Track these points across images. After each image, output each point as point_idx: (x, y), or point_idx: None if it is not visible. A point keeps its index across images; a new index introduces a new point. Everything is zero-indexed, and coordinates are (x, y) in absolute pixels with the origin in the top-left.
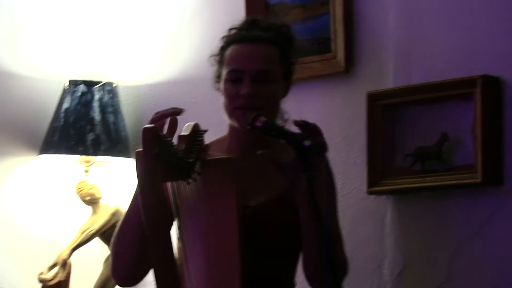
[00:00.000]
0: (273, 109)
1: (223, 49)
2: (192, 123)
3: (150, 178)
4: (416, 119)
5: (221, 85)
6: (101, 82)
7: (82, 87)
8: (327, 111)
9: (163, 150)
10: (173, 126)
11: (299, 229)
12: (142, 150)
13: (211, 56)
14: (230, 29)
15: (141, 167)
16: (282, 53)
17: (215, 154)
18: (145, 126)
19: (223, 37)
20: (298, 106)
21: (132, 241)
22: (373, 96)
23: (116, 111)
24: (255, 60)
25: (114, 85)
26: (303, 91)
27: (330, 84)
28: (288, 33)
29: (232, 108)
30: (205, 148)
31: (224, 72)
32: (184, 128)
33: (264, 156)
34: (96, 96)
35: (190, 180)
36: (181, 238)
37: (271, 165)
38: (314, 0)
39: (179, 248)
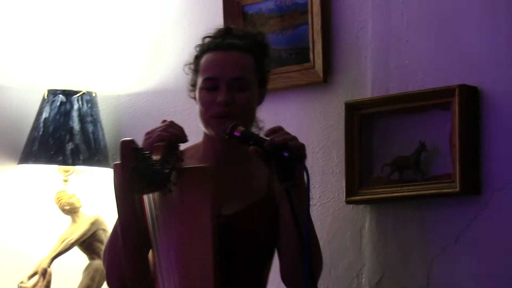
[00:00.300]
0: (249, 116)
1: (198, 57)
2: None
3: (127, 190)
4: (394, 128)
5: (197, 93)
6: (80, 91)
7: (61, 97)
8: (306, 120)
9: (140, 163)
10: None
11: (272, 236)
12: (119, 163)
13: (185, 65)
14: (204, 37)
15: (119, 180)
16: (256, 61)
17: (191, 162)
18: (122, 139)
19: (198, 46)
20: (277, 115)
21: (115, 261)
22: (351, 106)
23: (95, 121)
24: (230, 67)
25: (93, 95)
26: (282, 100)
27: (309, 94)
28: (263, 41)
29: (208, 117)
30: (181, 155)
31: (200, 80)
32: None
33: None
34: (75, 106)
35: (167, 191)
36: (155, 247)
37: (246, 173)
38: (292, 10)
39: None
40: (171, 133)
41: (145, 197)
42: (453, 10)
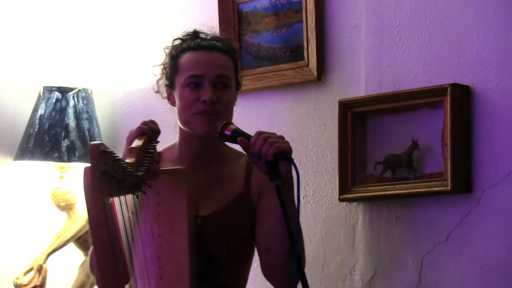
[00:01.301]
0: (230, 114)
1: (175, 57)
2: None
3: (97, 193)
4: (387, 127)
5: (176, 92)
6: (76, 88)
7: (56, 94)
8: (300, 118)
9: (110, 166)
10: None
11: (250, 235)
12: (88, 167)
13: (154, 66)
14: (174, 40)
15: (88, 183)
16: (234, 63)
17: (167, 164)
18: (92, 142)
19: (172, 48)
20: (271, 113)
21: None
22: (345, 104)
23: (91, 118)
24: (214, 65)
25: (89, 92)
26: (276, 98)
27: (303, 92)
28: (234, 45)
29: (192, 114)
30: (157, 157)
31: (181, 79)
32: (136, 140)
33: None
34: (71, 103)
35: (140, 194)
36: (130, 248)
37: (222, 173)
38: (286, 9)
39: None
40: (151, 127)
41: (116, 199)
42: (445, 10)
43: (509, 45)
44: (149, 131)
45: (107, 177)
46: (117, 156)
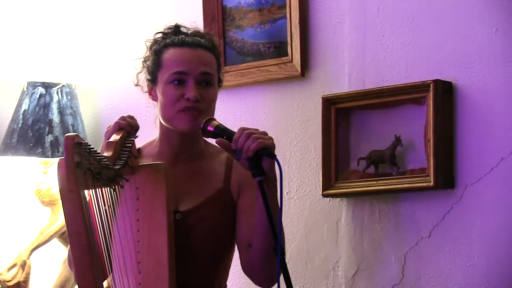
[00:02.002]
0: (212, 112)
1: (158, 52)
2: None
3: (71, 185)
4: (370, 122)
5: (159, 88)
6: (60, 84)
7: (40, 89)
8: (283, 114)
9: (85, 158)
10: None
11: (230, 229)
12: (63, 158)
13: (134, 59)
14: (156, 33)
15: (62, 175)
16: (217, 60)
17: (147, 160)
18: (66, 134)
19: (154, 41)
20: (255, 109)
21: None
22: (328, 100)
23: (75, 113)
24: (199, 63)
25: (73, 87)
26: (260, 94)
27: (286, 88)
28: (216, 41)
29: (176, 111)
30: (137, 152)
31: (165, 75)
32: (113, 135)
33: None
34: (55, 98)
35: (118, 188)
36: (107, 242)
37: (202, 169)
38: (270, 4)
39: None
40: (129, 122)
41: (94, 193)
42: (428, 6)
43: (491, 41)
44: (126, 126)
45: (82, 168)
46: (93, 148)
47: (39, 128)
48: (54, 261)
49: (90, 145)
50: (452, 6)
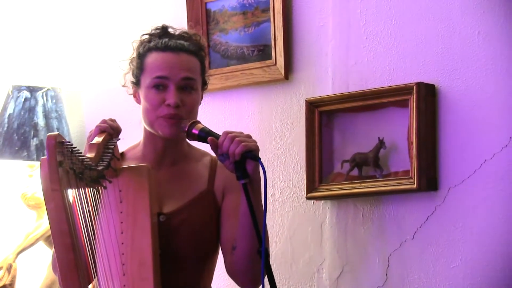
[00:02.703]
0: (194, 117)
1: (142, 55)
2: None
3: (54, 184)
4: (354, 125)
5: (141, 92)
6: (45, 87)
7: (25, 93)
8: (267, 117)
9: (67, 158)
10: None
11: (214, 232)
12: (45, 158)
13: (121, 60)
14: (143, 35)
15: (45, 174)
16: (201, 64)
17: (131, 163)
18: (48, 133)
19: (139, 43)
20: (239, 112)
21: None
22: (312, 103)
23: (60, 117)
24: (181, 68)
25: (58, 91)
26: (244, 97)
27: (270, 91)
28: (201, 42)
29: (156, 117)
30: (121, 155)
31: (147, 79)
32: (95, 137)
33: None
34: (40, 102)
35: (102, 191)
36: (91, 243)
37: (185, 171)
38: (254, 8)
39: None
40: (110, 125)
41: (77, 195)
42: (410, 10)
43: (474, 44)
44: (108, 128)
45: (65, 167)
46: (75, 148)
47: (24, 131)
48: (40, 264)
49: (72, 144)
50: (434, 10)
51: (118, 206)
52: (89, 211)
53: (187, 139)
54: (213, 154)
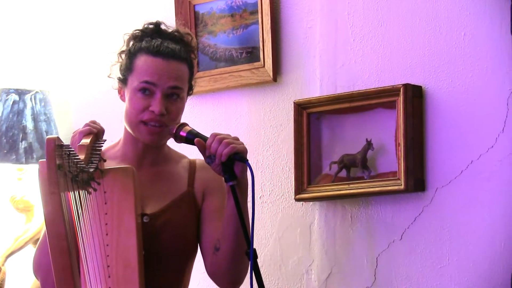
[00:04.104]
0: (178, 121)
1: (132, 55)
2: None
3: (53, 188)
4: (342, 127)
5: (127, 92)
6: (33, 90)
7: (14, 96)
8: (256, 119)
9: (65, 160)
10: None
11: (194, 232)
12: (44, 160)
13: (110, 53)
14: (135, 31)
15: (44, 177)
16: (190, 70)
17: (111, 163)
18: (48, 136)
19: (131, 38)
20: (227, 114)
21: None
22: (300, 105)
23: (49, 120)
24: (169, 76)
25: (46, 94)
26: (233, 99)
27: (259, 93)
28: (192, 43)
29: (138, 121)
30: (102, 155)
31: (134, 81)
32: (83, 139)
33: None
34: (29, 105)
35: (91, 190)
36: (81, 246)
37: (166, 173)
38: (242, 10)
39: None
40: (95, 127)
41: (71, 194)
42: (397, 12)
43: (460, 46)
44: (92, 129)
45: (63, 170)
46: (72, 151)
47: (12, 134)
48: (29, 267)
49: (70, 147)
50: (420, 11)
51: (103, 208)
52: (80, 213)
53: (175, 142)
54: (191, 157)
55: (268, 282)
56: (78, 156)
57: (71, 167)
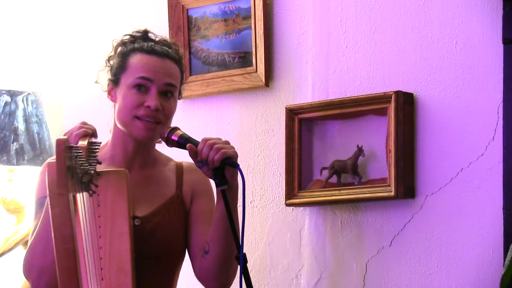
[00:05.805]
0: (169, 123)
1: (125, 54)
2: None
3: (62, 189)
4: (333, 133)
5: (120, 91)
6: (25, 92)
7: (5, 97)
8: (248, 123)
9: (74, 162)
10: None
11: (183, 236)
12: (55, 162)
13: (98, 57)
14: (125, 35)
15: (53, 179)
16: (181, 72)
17: (99, 166)
18: (58, 138)
19: (122, 43)
20: (219, 118)
21: (48, 263)
22: (292, 110)
23: (41, 121)
24: (165, 73)
25: (38, 95)
26: (225, 103)
27: (251, 98)
28: (181, 52)
29: (132, 117)
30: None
31: (129, 79)
32: (79, 141)
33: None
34: (20, 106)
35: (91, 192)
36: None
37: (154, 176)
38: (235, 15)
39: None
40: (89, 128)
41: (78, 196)
42: (389, 19)
43: (451, 53)
44: (87, 132)
45: (71, 172)
46: (80, 152)
47: (4, 136)
48: (19, 268)
49: (79, 149)
50: (413, 19)
51: (96, 210)
52: (76, 214)
53: (167, 145)
54: (177, 160)
55: (258, 286)
56: (84, 158)
57: (78, 169)
